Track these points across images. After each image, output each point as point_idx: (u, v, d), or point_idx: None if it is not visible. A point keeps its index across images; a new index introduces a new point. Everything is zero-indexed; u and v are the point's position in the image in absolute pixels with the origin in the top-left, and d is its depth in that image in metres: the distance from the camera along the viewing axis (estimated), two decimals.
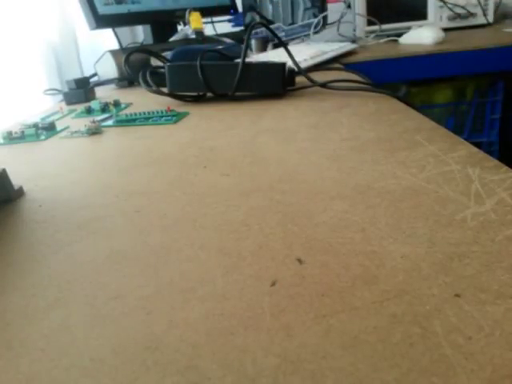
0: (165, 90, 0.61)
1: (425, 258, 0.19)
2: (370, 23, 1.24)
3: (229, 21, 1.30)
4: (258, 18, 1.21)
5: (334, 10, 1.19)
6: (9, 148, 0.48)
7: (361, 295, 0.17)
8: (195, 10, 0.94)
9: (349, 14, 1.15)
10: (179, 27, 1.08)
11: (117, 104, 0.64)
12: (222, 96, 0.60)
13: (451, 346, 0.14)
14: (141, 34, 1.26)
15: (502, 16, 1.36)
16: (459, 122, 1.21)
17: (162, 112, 0.54)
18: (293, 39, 1.14)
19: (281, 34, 1.11)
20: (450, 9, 1.21)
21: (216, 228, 0.24)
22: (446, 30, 1.08)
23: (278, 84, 0.58)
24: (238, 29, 1.27)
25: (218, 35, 1.08)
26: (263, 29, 1.06)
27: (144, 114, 0.54)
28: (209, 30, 1.14)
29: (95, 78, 0.93)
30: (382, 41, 1.17)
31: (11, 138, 0.50)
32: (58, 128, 0.54)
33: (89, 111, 0.63)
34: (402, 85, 1.07)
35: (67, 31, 1.14)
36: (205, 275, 0.20)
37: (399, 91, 0.49)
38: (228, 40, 1.00)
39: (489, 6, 1.23)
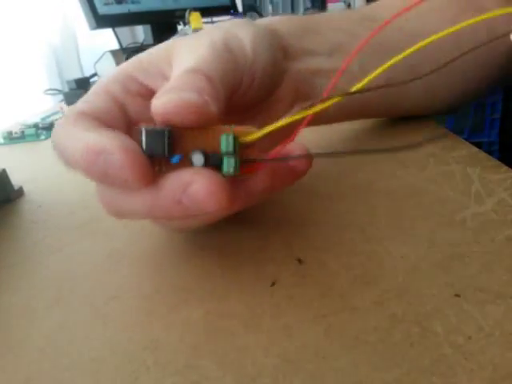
0: None
1: (425, 258, 0.19)
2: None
3: None
4: (258, 18, 1.21)
5: (334, 10, 1.19)
6: (9, 148, 0.48)
7: (361, 295, 0.17)
8: (195, 10, 0.94)
9: None
10: (179, 27, 1.08)
11: None
12: None
13: (451, 346, 0.14)
14: (141, 33, 1.26)
15: None
16: (459, 122, 1.21)
17: None
18: None
19: None
20: None
21: (216, 228, 0.24)
22: None
23: None
24: None
25: None
26: None
27: None
28: None
29: (95, 78, 0.93)
30: None
31: (11, 138, 0.50)
32: None
33: None
34: None
35: (67, 31, 1.14)
36: (205, 275, 0.20)
37: None
38: None
39: None
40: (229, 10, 1.18)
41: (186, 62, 0.21)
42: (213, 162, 0.18)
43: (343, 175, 0.29)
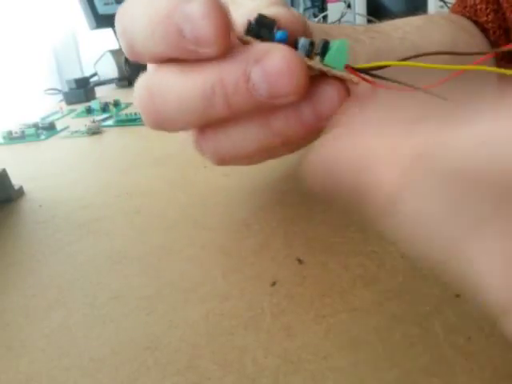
0: None
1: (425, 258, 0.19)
2: (369, 23, 1.24)
3: None
4: None
5: (333, 10, 1.19)
6: (9, 148, 0.48)
7: (361, 295, 0.17)
8: None
9: (349, 14, 1.15)
10: None
11: (117, 104, 0.64)
12: None
13: (451, 346, 0.14)
14: None
15: None
16: None
17: None
18: None
19: None
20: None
21: (216, 228, 0.24)
22: None
23: None
24: None
25: None
26: None
27: None
28: None
29: (95, 78, 0.93)
30: None
31: (11, 138, 0.50)
32: (58, 128, 0.54)
33: (89, 111, 0.63)
34: None
35: (67, 31, 1.14)
36: (205, 275, 0.20)
37: None
38: None
39: None
40: None
41: (252, 3, 0.19)
42: (320, 45, 0.16)
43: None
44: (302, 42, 0.16)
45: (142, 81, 0.18)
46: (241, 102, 0.16)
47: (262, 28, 0.15)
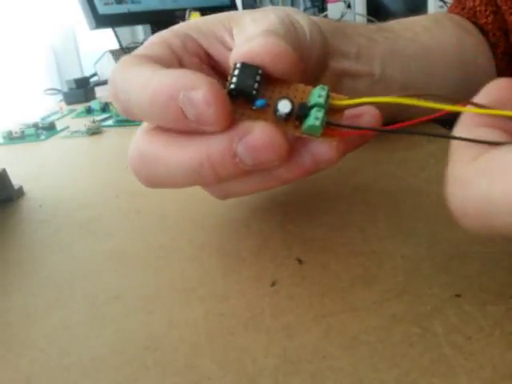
0: None
1: (425, 257, 0.19)
2: (369, 23, 1.24)
3: None
4: None
5: (334, 10, 1.19)
6: (9, 148, 0.48)
7: (361, 295, 0.17)
8: (195, 10, 0.94)
9: (349, 14, 1.15)
10: None
11: None
12: None
13: (451, 346, 0.14)
14: (141, 33, 1.26)
15: None
16: None
17: None
18: None
19: None
20: None
21: (216, 228, 0.24)
22: None
23: None
24: None
25: None
26: None
27: None
28: None
29: (95, 78, 0.93)
30: None
31: (11, 138, 0.50)
32: (58, 128, 0.54)
33: (89, 111, 0.63)
34: None
35: (67, 31, 1.14)
36: (205, 275, 0.20)
37: None
38: None
39: None
40: (229, 10, 1.18)
41: (254, 29, 0.20)
42: (300, 111, 0.17)
43: (343, 175, 0.29)
44: (280, 111, 0.17)
45: (135, 144, 0.19)
46: (229, 172, 0.17)
47: (244, 89, 0.17)
